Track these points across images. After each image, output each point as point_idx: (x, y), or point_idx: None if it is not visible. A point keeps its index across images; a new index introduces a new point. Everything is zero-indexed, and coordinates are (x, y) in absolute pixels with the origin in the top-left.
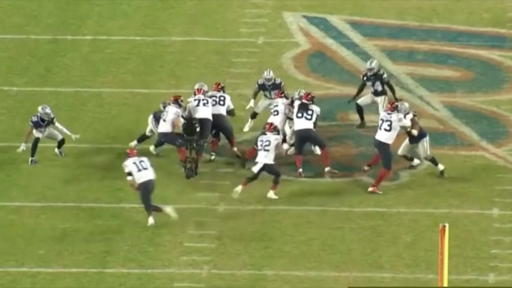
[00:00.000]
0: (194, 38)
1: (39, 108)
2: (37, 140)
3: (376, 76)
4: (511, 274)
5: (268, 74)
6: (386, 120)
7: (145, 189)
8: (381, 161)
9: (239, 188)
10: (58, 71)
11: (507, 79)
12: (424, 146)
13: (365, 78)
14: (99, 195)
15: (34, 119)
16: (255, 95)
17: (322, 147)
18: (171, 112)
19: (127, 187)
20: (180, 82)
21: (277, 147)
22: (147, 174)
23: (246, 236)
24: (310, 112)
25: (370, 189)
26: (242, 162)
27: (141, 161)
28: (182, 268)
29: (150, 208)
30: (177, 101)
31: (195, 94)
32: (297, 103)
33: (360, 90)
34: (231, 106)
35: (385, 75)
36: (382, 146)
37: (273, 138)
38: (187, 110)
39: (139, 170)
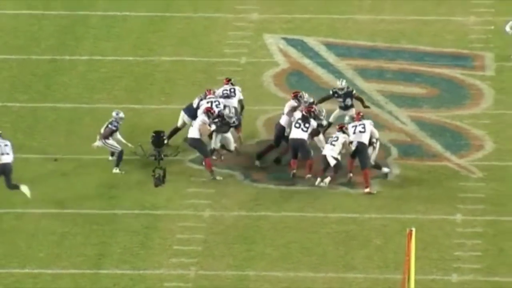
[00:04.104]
0: (182, 58)
1: (114, 113)
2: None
3: (346, 94)
4: (472, 274)
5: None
6: (360, 125)
7: (2, 171)
8: (360, 163)
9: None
10: (57, 88)
11: (469, 96)
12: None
13: (335, 95)
14: (95, 203)
15: (115, 124)
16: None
17: (306, 158)
18: (199, 119)
19: (121, 195)
20: (169, 98)
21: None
22: (6, 158)
23: (230, 239)
24: (307, 126)
25: (366, 190)
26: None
27: (5, 145)
28: (171, 269)
29: (11, 186)
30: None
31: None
32: (298, 113)
33: (325, 99)
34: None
35: (354, 91)
36: (362, 147)
37: (341, 136)
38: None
39: (2, 154)
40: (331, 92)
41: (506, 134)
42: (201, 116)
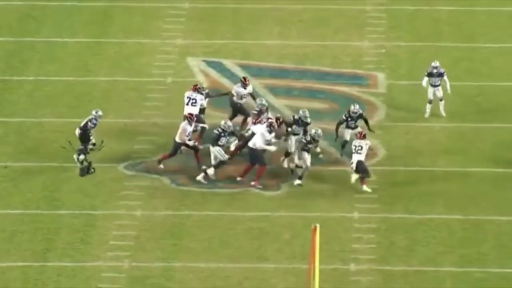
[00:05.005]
0: (116, 78)
1: (93, 112)
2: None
3: (358, 116)
4: (368, 264)
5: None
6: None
7: None
8: (256, 162)
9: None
10: (7, 105)
11: (364, 110)
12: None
13: (349, 118)
14: (40, 204)
15: (94, 122)
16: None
17: (259, 164)
18: (181, 125)
19: (63, 197)
20: (105, 113)
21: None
22: None
23: (159, 235)
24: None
25: (252, 183)
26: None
27: None
28: (107, 261)
29: None
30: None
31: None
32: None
33: (340, 124)
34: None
35: (363, 113)
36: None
37: (364, 143)
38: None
39: None
40: (344, 117)
41: (396, 143)
42: (183, 124)
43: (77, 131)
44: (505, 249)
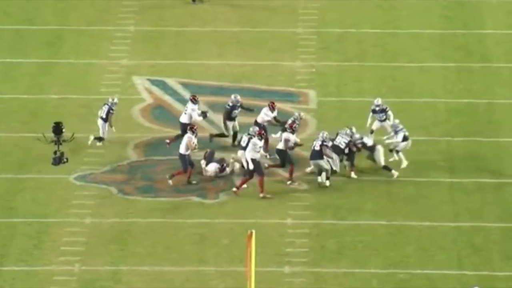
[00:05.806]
0: (67, 96)
1: (110, 99)
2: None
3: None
4: (300, 266)
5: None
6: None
7: None
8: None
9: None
10: None
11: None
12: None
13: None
14: None
15: (112, 109)
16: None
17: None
18: (185, 136)
19: (18, 206)
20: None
21: None
22: None
23: (107, 241)
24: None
25: (234, 189)
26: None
27: None
28: (59, 265)
29: None
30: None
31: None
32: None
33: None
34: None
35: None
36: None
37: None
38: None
39: None
40: (343, 146)
41: None
42: (186, 136)
43: (99, 121)
44: (426, 251)
